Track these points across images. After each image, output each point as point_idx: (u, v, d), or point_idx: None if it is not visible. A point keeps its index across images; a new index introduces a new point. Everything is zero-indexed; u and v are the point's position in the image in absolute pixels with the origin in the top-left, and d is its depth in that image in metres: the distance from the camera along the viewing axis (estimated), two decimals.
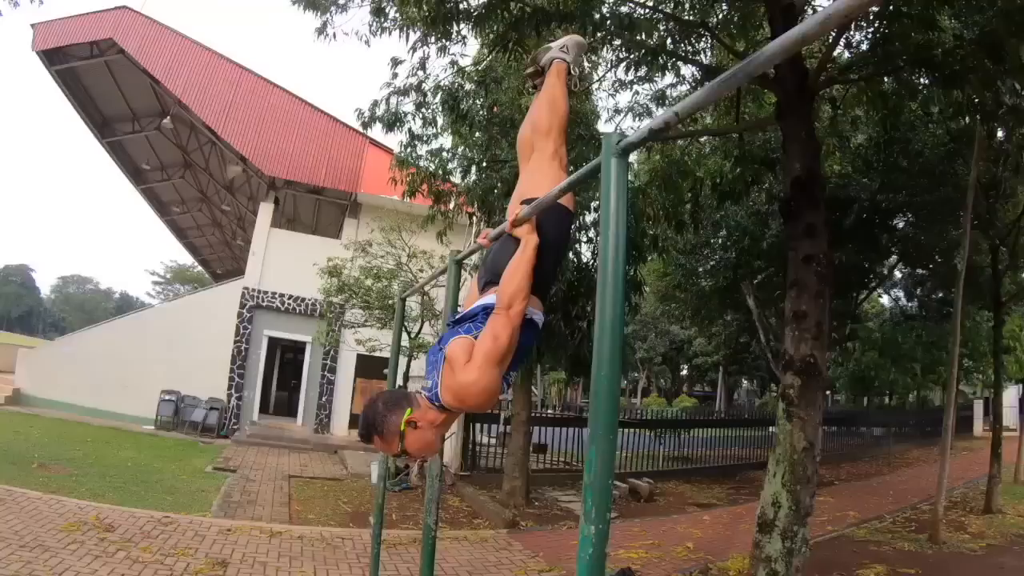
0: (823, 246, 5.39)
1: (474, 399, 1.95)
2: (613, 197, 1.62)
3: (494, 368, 1.93)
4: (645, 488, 11.46)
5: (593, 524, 1.48)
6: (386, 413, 1.99)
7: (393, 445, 1.99)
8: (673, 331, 41.33)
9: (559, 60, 2.49)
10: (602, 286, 1.59)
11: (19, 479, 8.42)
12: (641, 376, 52.41)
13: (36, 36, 17.59)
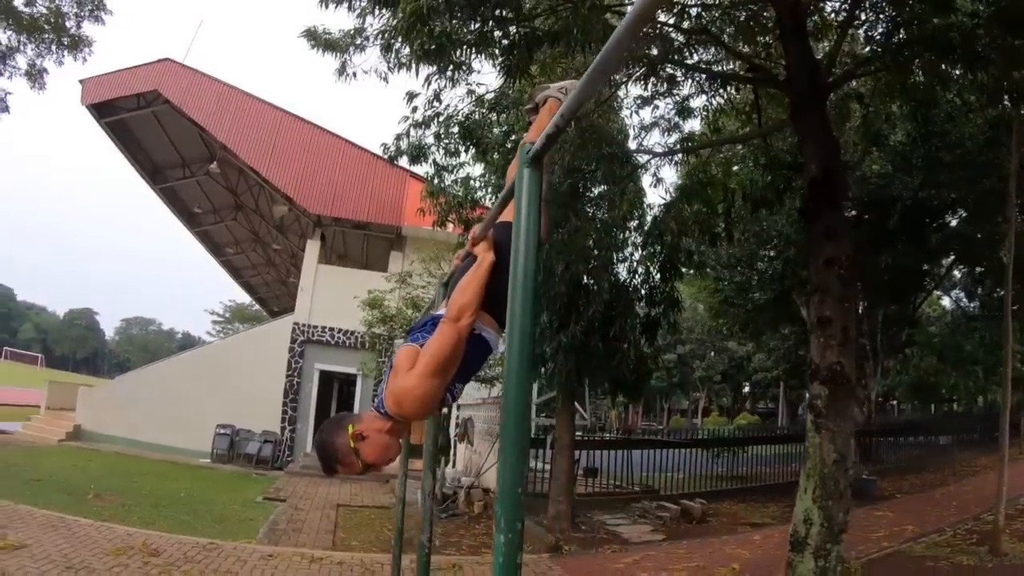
0: (845, 248, 5.19)
1: (411, 405, 1.92)
2: (525, 204, 1.61)
3: (434, 377, 1.90)
4: (697, 509, 11.18)
5: (503, 533, 1.44)
6: (331, 440, 1.98)
7: (354, 465, 1.96)
8: (731, 348, 40.50)
9: (554, 99, 2.43)
10: (512, 297, 1.55)
11: (74, 508, 8.74)
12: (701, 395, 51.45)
13: (84, 91, 18.59)
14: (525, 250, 1.56)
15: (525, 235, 1.58)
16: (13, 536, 6.74)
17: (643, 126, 9.37)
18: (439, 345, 1.91)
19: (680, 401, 57.64)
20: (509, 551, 1.44)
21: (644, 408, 59.92)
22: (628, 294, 10.33)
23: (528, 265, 1.55)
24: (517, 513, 1.45)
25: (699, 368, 46.15)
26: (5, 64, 13.20)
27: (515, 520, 1.44)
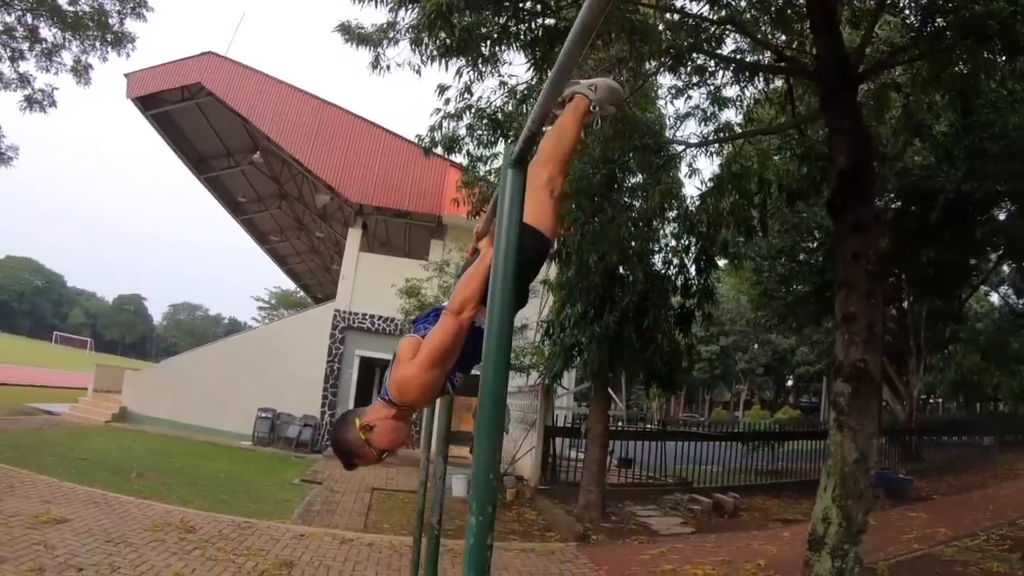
0: (873, 242, 5.09)
1: (412, 395, 1.99)
2: (507, 206, 1.65)
3: (434, 368, 1.96)
4: (729, 503, 11.09)
5: (475, 516, 1.48)
6: (343, 437, 2.07)
7: (368, 455, 2.05)
8: (775, 341, 39.91)
9: (581, 95, 2.39)
10: (492, 289, 1.60)
11: (116, 486, 9.10)
12: (743, 388, 50.87)
13: (130, 85, 19.19)
14: (506, 250, 1.60)
15: (506, 236, 1.61)
16: (56, 511, 7.07)
17: (678, 116, 9.28)
18: (440, 337, 1.95)
19: (722, 393, 57.12)
20: (480, 532, 1.48)
21: (686, 399, 59.54)
22: (663, 285, 10.27)
23: (508, 265, 1.59)
24: (489, 496, 1.50)
25: (741, 360, 45.66)
26: (51, 60, 13.66)
27: (486, 503, 1.49)
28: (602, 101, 2.39)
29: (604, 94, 2.40)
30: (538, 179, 2.21)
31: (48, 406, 17.68)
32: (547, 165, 2.25)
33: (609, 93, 2.41)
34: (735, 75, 7.64)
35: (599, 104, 2.38)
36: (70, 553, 5.83)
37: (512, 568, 7.27)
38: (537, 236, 2.16)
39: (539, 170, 2.24)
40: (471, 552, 1.49)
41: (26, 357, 40.87)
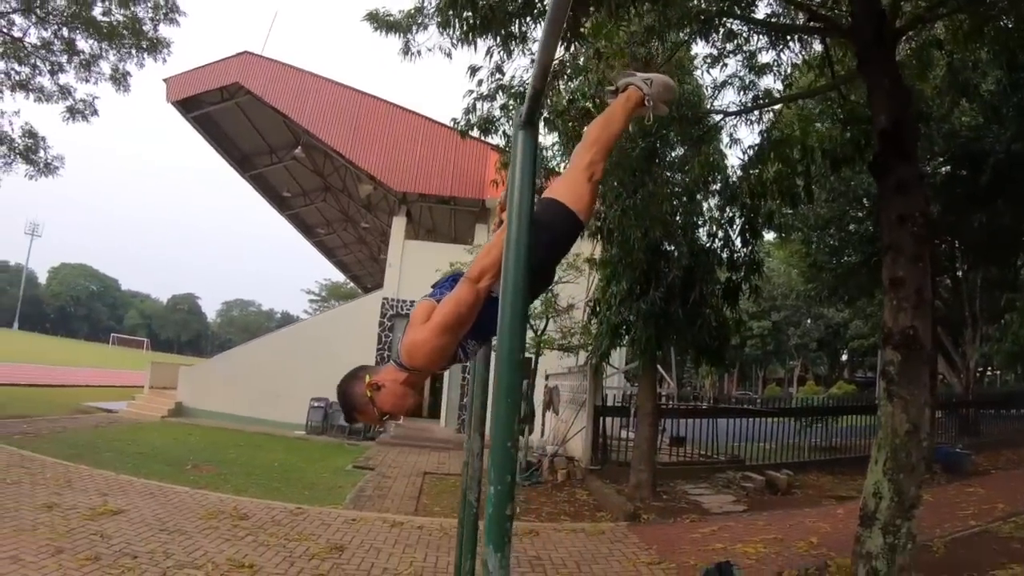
0: (919, 203, 4.86)
1: (422, 359, 1.98)
2: (519, 168, 1.66)
3: (445, 334, 1.95)
4: (782, 480, 10.90)
5: (493, 485, 1.49)
6: (350, 390, 2.08)
7: (371, 412, 2.06)
8: (828, 315, 39.06)
9: (635, 87, 2.37)
10: (506, 251, 1.59)
11: (172, 477, 9.42)
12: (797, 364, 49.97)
13: (169, 89, 19.69)
14: (518, 213, 1.60)
15: (519, 197, 1.62)
16: (113, 502, 7.33)
17: (715, 85, 9.06)
18: (454, 303, 1.94)
19: (776, 370, 56.23)
20: (499, 501, 1.48)
21: (740, 376, 58.81)
22: (708, 259, 10.08)
23: (521, 227, 1.59)
24: (507, 466, 1.49)
25: (794, 335, 44.85)
26: (90, 71, 14.05)
27: (505, 472, 1.49)
28: (656, 97, 2.37)
29: (659, 89, 2.38)
30: (580, 161, 2.22)
31: (106, 404, 18.35)
32: (590, 149, 2.23)
33: (664, 90, 2.40)
34: (769, 39, 7.41)
35: (652, 99, 2.35)
36: (125, 542, 6.03)
37: (562, 548, 7.25)
38: (569, 216, 2.14)
39: (582, 152, 2.25)
40: (490, 522, 1.48)
41: (85, 359, 42.41)
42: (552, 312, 13.36)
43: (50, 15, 13.34)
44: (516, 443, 1.51)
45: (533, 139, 1.68)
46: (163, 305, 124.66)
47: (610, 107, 2.40)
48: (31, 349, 43.77)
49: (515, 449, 1.50)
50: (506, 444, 1.49)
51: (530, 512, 9.25)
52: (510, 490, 1.48)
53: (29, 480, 8.01)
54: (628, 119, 2.41)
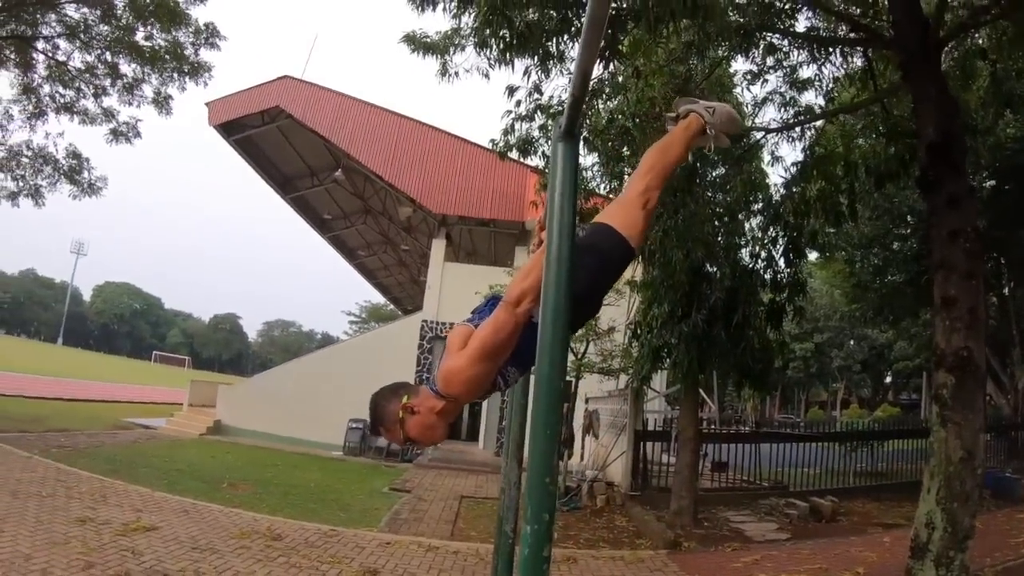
0: (970, 218, 4.66)
1: (459, 387, 1.90)
2: (559, 181, 1.59)
3: (484, 362, 1.86)
4: (827, 507, 10.58)
5: (529, 524, 1.38)
6: (384, 404, 2.00)
7: (396, 433, 1.99)
8: (871, 336, 38.14)
9: (696, 115, 2.29)
10: (547, 272, 1.50)
11: (207, 495, 9.43)
12: (840, 386, 48.86)
13: (211, 113, 20.15)
14: (559, 229, 1.52)
15: (560, 213, 1.54)
16: (147, 519, 7.35)
17: (756, 102, 8.92)
18: (493, 330, 1.85)
19: (819, 392, 55.09)
20: (536, 542, 1.37)
21: (782, 400, 57.70)
22: (751, 280, 9.87)
23: (563, 245, 1.50)
24: (545, 504, 1.38)
25: (837, 357, 43.89)
26: (133, 94, 14.42)
27: (542, 511, 1.38)
28: (719, 127, 2.29)
29: (722, 120, 2.29)
30: (634, 188, 2.14)
31: (145, 421, 18.55)
32: (646, 176, 2.14)
33: (728, 120, 2.31)
34: (810, 53, 7.26)
35: (714, 128, 2.27)
36: (156, 559, 6.02)
37: None
38: (620, 242, 2.05)
39: (637, 179, 2.17)
40: (525, 565, 1.38)
41: (126, 376, 43.20)
42: (592, 335, 13.22)
43: (94, 40, 13.74)
44: (555, 479, 1.40)
45: (574, 151, 1.59)
46: (205, 324, 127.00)
47: (669, 134, 2.31)
48: (74, 365, 44.80)
49: (554, 485, 1.40)
50: (544, 480, 1.38)
51: (568, 538, 9.09)
52: (548, 530, 1.38)
53: (64, 494, 8.09)
54: (688, 148, 2.31)
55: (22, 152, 14.94)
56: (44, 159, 15.00)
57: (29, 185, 15.13)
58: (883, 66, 7.53)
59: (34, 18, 13.47)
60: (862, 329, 36.25)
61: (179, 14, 13.47)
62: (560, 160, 1.59)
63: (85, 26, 13.62)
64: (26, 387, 21.81)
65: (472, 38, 6.80)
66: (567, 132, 1.59)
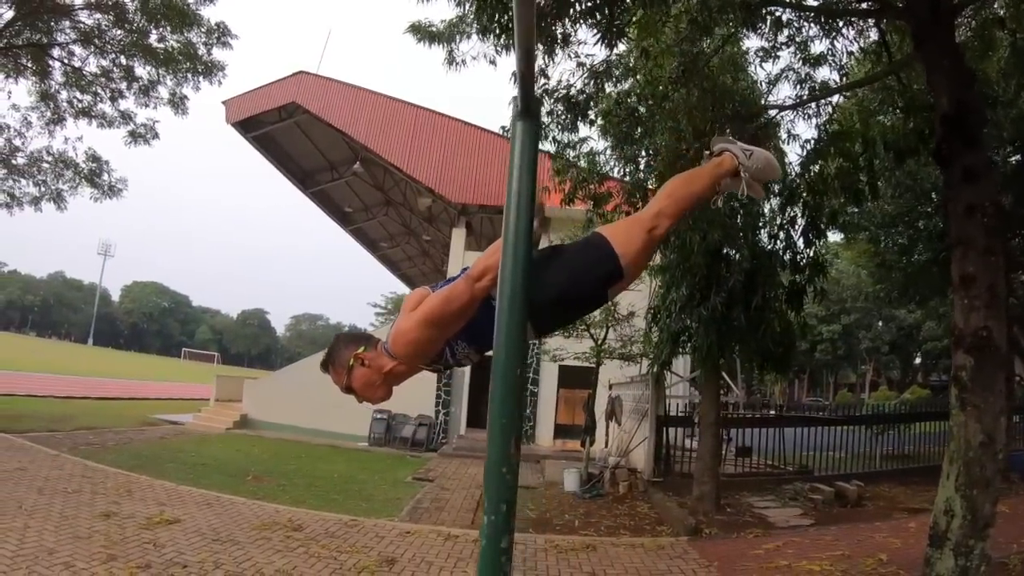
0: (989, 192, 4.50)
1: (402, 348, 1.86)
2: (516, 160, 1.54)
3: (431, 327, 1.82)
4: (852, 492, 10.38)
5: (487, 515, 1.36)
6: (341, 347, 1.99)
7: (341, 378, 1.97)
8: (899, 316, 37.53)
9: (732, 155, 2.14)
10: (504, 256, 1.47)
11: (231, 488, 9.55)
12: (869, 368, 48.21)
13: (228, 111, 20.38)
14: (517, 211, 1.48)
15: (518, 194, 1.50)
16: (170, 512, 7.47)
17: (770, 80, 8.74)
18: (445, 298, 1.81)
19: (847, 375, 54.43)
20: (493, 533, 1.34)
21: (810, 383, 57.14)
22: (770, 261, 9.72)
23: (521, 227, 1.46)
24: (502, 494, 1.35)
25: (865, 339, 43.29)
26: (149, 96, 14.58)
27: (500, 501, 1.35)
28: (754, 172, 2.14)
29: (759, 165, 2.15)
30: (648, 208, 2.03)
31: (172, 417, 18.83)
32: (662, 201, 2.02)
33: (765, 167, 2.16)
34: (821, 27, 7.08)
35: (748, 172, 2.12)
36: (177, 551, 6.11)
37: (618, 563, 7.04)
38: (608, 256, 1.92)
39: (652, 202, 2.05)
40: (483, 556, 1.33)
41: (156, 374, 43.89)
42: (612, 320, 13.14)
43: (108, 44, 13.90)
44: (514, 468, 1.36)
45: (532, 130, 1.53)
46: (233, 320, 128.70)
47: (698, 168, 2.18)
48: (104, 364, 45.70)
49: (512, 475, 1.36)
50: (501, 470, 1.35)
51: (589, 525, 9.06)
52: (506, 520, 1.34)
53: (90, 489, 8.25)
54: (714, 185, 2.13)
55: (42, 157, 15.21)
56: (64, 163, 15.25)
57: (51, 189, 15.41)
58: (899, 38, 7.32)
59: (49, 26, 13.64)
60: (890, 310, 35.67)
61: (189, 15, 13.54)
62: (519, 139, 1.54)
63: (99, 31, 13.76)
64: (56, 387, 22.29)
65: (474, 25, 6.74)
66: (523, 111, 1.53)
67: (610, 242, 1.91)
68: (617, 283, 1.96)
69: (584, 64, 7.66)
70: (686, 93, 7.78)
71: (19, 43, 13.68)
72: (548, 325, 2.09)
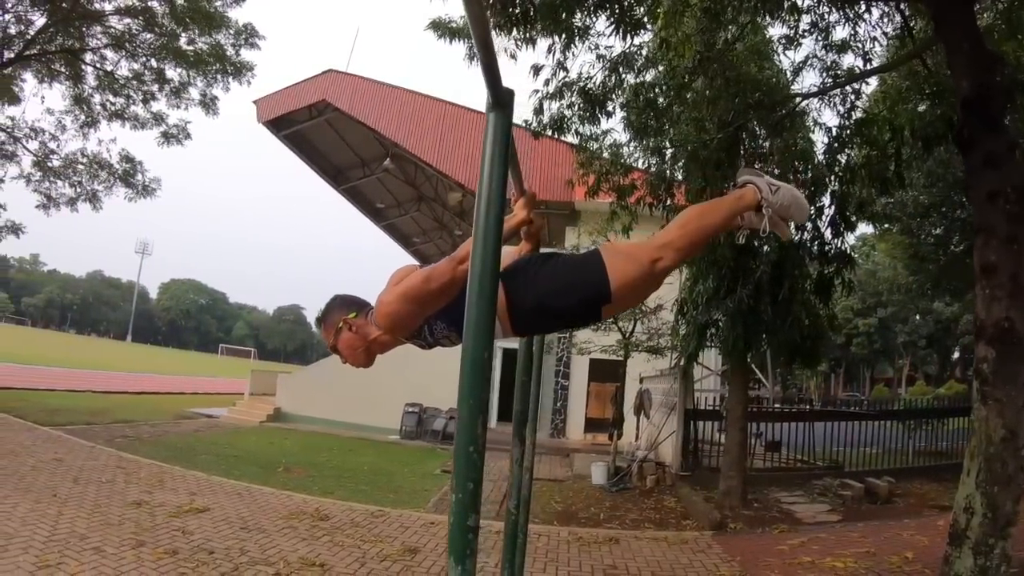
0: (1012, 177, 4.35)
1: (382, 319, 1.93)
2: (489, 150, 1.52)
3: (409, 303, 1.87)
4: (883, 488, 10.23)
5: (455, 493, 1.39)
6: (335, 309, 2.08)
7: (329, 337, 2.07)
8: (937, 309, 36.71)
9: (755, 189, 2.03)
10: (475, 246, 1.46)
11: (261, 479, 9.72)
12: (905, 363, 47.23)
13: (259, 110, 20.68)
14: (487, 204, 1.47)
15: (488, 187, 1.49)
16: (200, 501, 7.66)
17: (795, 68, 8.62)
18: (426, 277, 1.85)
19: (884, 369, 53.40)
20: (460, 511, 1.37)
21: (847, 378, 56.22)
22: (798, 252, 9.59)
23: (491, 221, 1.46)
24: (470, 473, 1.38)
25: (902, 332, 42.42)
26: (180, 97, 14.91)
27: (467, 480, 1.37)
28: (778, 209, 2.02)
29: (784, 202, 2.02)
30: (657, 238, 1.98)
31: (208, 410, 19.14)
32: (673, 232, 1.96)
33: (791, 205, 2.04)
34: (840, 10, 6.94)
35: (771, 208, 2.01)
36: (204, 538, 6.26)
37: (640, 557, 7.02)
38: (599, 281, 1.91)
39: (663, 232, 2.01)
40: (451, 533, 1.36)
41: (194, 369, 44.73)
42: (639, 313, 13.08)
43: (138, 48, 14.27)
44: (480, 448, 1.38)
45: (503, 121, 1.52)
46: (269, 316, 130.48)
47: (717, 199, 2.12)
48: (143, 360, 46.73)
49: (478, 454, 1.38)
50: (468, 449, 1.38)
51: (614, 519, 9.05)
52: (473, 499, 1.37)
53: (123, 479, 8.46)
54: (731, 219, 2.04)
55: (77, 159, 15.67)
56: (99, 165, 15.69)
57: (86, 190, 15.87)
58: (924, 22, 7.17)
59: (80, 31, 13.99)
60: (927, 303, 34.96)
61: (216, 17, 13.83)
62: (490, 130, 1.52)
63: (129, 35, 14.13)
64: (95, 382, 22.75)
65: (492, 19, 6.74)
66: (494, 102, 1.52)
67: (606, 265, 1.90)
68: (608, 306, 1.94)
69: (604, 56, 7.64)
70: (709, 82, 7.72)
71: (52, 49, 14.09)
72: (527, 327, 2.11)
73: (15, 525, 5.94)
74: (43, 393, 17.35)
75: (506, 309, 1.96)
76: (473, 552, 1.38)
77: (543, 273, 1.98)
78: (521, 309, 1.96)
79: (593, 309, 1.97)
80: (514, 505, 3.28)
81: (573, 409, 18.83)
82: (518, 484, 3.32)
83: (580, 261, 2.00)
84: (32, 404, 14.39)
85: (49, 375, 22.79)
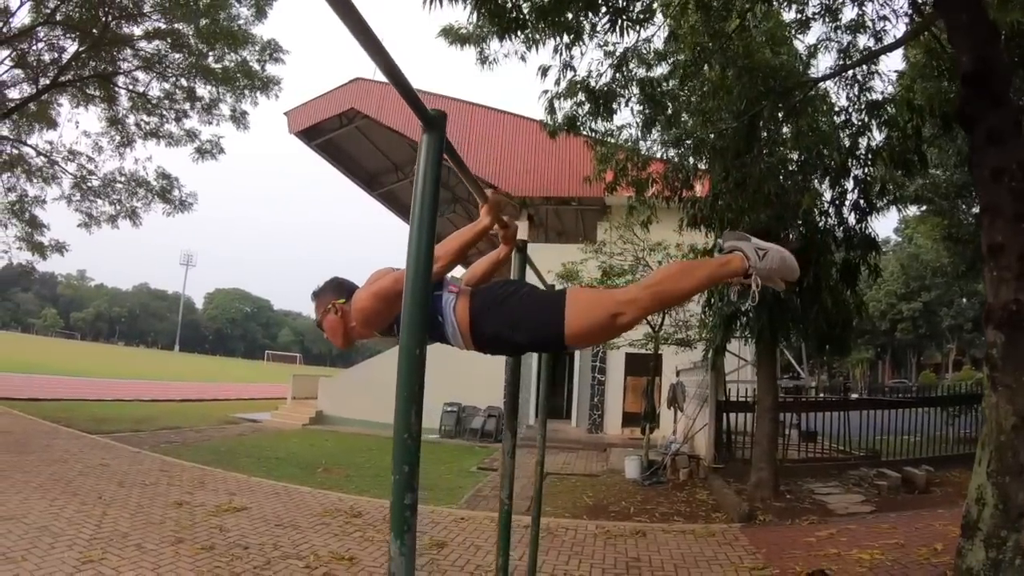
0: (1016, 154, 4.24)
1: (355, 312, 2.12)
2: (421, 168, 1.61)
3: (379, 301, 2.05)
4: (920, 477, 9.97)
5: (394, 474, 1.48)
6: (328, 290, 2.28)
7: (319, 315, 2.27)
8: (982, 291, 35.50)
9: (742, 257, 2.01)
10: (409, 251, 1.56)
11: (300, 479, 10.01)
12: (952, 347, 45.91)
13: (290, 122, 21.13)
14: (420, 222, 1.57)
15: (421, 205, 1.58)
16: (238, 501, 7.95)
17: (809, 52, 8.54)
18: (396, 278, 1.98)
19: (932, 355, 52.03)
20: (399, 490, 1.48)
21: (893, 364, 54.90)
22: (822, 238, 9.49)
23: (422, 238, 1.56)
24: (405, 457, 1.48)
25: (947, 316, 41.25)
26: (211, 113, 15.38)
27: (403, 463, 1.48)
28: (765, 273, 2.00)
29: (771, 266, 2.00)
30: (623, 293, 2.03)
31: (251, 415, 19.62)
32: (643, 289, 2.00)
33: (779, 268, 2.01)
34: None
35: (759, 274, 1.99)
36: (240, 535, 6.52)
37: (665, 550, 7.03)
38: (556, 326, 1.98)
39: (633, 288, 2.06)
40: (392, 511, 1.49)
41: (240, 376, 45.67)
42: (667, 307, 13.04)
43: (168, 68, 14.71)
44: (415, 435, 1.48)
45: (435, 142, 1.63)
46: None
47: (699, 262, 2.17)
48: (190, 369, 47.83)
49: (413, 440, 1.49)
50: (403, 436, 1.49)
51: (644, 512, 9.04)
52: (408, 480, 1.48)
53: (166, 482, 8.79)
54: (709, 284, 2.10)
55: (116, 178, 16.28)
56: (137, 182, 16.31)
57: (126, 207, 16.48)
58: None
59: (112, 55, 14.48)
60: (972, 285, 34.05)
61: (240, 35, 14.21)
62: (423, 151, 1.62)
63: (159, 57, 14.60)
64: (143, 391, 23.50)
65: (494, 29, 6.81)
66: (425, 124, 1.61)
67: (565, 310, 1.97)
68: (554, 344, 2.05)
69: (612, 53, 7.67)
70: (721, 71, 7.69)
71: (86, 74, 14.63)
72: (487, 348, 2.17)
73: (62, 525, 6.26)
74: (91, 404, 17.93)
75: (468, 329, 2.11)
76: (411, 528, 1.51)
77: (507, 305, 2.08)
78: (481, 332, 2.10)
79: (551, 346, 2.09)
80: (507, 495, 3.37)
81: (610, 404, 18.85)
82: (510, 475, 3.40)
83: (543, 301, 2.08)
84: (80, 414, 14.91)
85: (98, 386, 23.49)
